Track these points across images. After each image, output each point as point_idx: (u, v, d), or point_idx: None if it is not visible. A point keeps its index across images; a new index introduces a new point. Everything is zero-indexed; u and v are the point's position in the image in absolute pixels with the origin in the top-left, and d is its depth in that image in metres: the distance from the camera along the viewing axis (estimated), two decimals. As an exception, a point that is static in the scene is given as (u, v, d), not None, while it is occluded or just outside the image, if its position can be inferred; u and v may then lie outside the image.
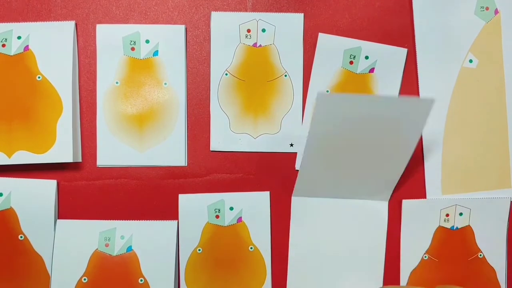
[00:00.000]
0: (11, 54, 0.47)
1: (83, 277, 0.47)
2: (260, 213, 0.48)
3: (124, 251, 0.47)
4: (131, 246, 0.47)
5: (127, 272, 0.47)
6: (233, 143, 0.48)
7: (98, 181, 0.48)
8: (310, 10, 0.49)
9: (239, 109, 0.49)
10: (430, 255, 0.49)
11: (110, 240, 0.47)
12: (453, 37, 0.49)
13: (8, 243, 0.47)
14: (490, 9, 0.49)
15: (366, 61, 0.49)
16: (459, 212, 0.49)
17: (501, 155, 0.49)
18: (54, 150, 0.47)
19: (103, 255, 0.47)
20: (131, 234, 0.47)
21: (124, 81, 0.48)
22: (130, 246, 0.47)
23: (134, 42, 0.48)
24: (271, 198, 0.49)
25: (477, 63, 0.49)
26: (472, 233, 0.49)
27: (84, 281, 0.47)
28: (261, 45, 0.49)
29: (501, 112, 0.49)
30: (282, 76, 0.49)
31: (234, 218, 0.48)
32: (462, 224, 0.49)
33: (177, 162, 0.48)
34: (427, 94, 0.49)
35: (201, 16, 0.48)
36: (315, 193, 0.48)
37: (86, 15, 0.48)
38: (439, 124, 0.49)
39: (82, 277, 0.47)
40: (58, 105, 0.47)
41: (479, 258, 0.49)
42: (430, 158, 0.49)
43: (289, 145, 0.49)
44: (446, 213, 0.49)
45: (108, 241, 0.47)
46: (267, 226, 0.49)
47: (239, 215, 0.48)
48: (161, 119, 0.48)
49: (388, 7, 0.49)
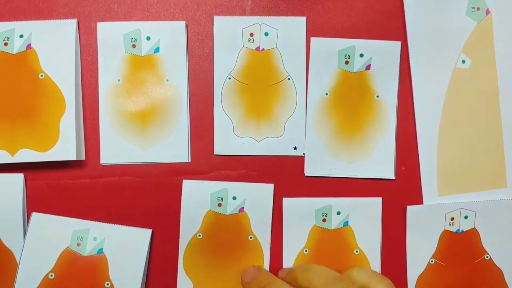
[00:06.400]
0: (14, 52, 0.47)
1: (50, 273, 0.47)
2: (263, 205, 0.49)
3: (94, 252, 0.47)
4: (102, 248, 0.47)
5: (95, 274, 0.47)
6: (237, 147, 0.49)
7: (102, 179, 0.48)
8: (309, 14, 0.49)
9: (243, 113, 0.49)
10: (437, 259, 0.49)
11: (82, 240, 0.47)
12: (445, 38, 0.49)
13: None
14: (481, 10, 0.49)
15: (361, 59, 0.49)
16: (464, 215, 0.49)
17: (496, 154, 0.49)
18: (57, 148, 0.47)
19: (73, 253, 0.47)
20: (103, 237, 0.47)
21: (126, 78, 0.48)
22: (101, 248, 0.47)
23: (135, 39, 0.48)
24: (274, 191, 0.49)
25: (470, 63, 0.49)
26: (477, 236, 0.49)
27: (50, 277, 0.47)
28: (264, 48, 0.49)
29: (495, 112, 0.49)
30: (285, 80, 0.49)
31: (236, 207, 0.49)
32: (467, 227, 0.49)
33: (181, 158, 0.48)
34: (420, 95, 0.49)
35: (202, 13, 0.49)
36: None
37: (88, 13, 0.48)
38: (434, 125, 0.49)
39: (49, 273, 0.47)
40: (61, 103, 0.47)
41: (485, 260, 0.49)
42: (425, 159, 0.49)
43: (293, 148, 0.49)
44: (451, 217, 0.49)
45: (80, 240, 0.47)
46: (269, 217, 0.49)
47: (241, 205, 0.49)
48: (164, 115, 0.48)
49: (388, 10, 0.49)
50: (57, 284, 0.47)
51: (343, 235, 0.49)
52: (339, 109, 0.49)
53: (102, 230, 0.48)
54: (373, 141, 0.49)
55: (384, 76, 0.49)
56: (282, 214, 0.49)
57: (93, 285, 0.47)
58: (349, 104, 0.49)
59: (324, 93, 0.49)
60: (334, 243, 0.49)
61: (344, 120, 0.49)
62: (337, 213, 0.49)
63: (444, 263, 0.49)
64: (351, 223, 0.49)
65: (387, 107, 0.49)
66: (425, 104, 0.49)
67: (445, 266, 0.49)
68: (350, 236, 0.49)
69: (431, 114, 0.49)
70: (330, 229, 0.49)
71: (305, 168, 0.49)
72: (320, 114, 0.49)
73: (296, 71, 0.49)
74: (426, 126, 0.49)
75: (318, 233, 0.49)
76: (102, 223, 0.48)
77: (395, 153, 0.49)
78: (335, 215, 0.49)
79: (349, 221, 0.49)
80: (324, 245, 0.49)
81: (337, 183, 0.49)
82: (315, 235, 0.49)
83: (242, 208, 0.49)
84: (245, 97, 0.49)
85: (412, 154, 0.49)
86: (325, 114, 0.49)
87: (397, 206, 0.49)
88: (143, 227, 0.48)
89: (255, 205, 0.49)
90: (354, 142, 0.49)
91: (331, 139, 0.49)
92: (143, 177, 0.48)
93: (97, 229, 0.47)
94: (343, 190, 0.49)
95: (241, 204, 0.49)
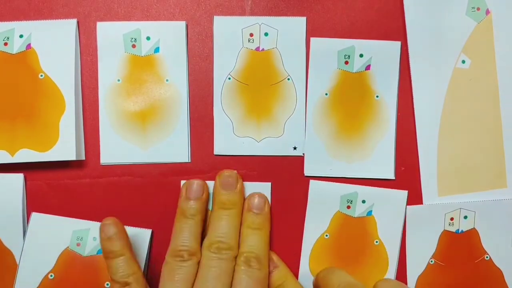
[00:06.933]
0: (13, 52, 0.47)
1: (50, 273, 0.47)
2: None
3: (94, 252, 0.47)
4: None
5: (95, 274, 0.47)
6: (237, 147, 0.49)
7: (102, 179, 0.48)
8: (309, 14, 0.49)
9: (243, 113, 0.49)
10: (436, 259, 0.49)
11: (82, 240, 0.47)
12: (445, 38, 0.49)
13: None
14: (481, 10, 0.49)
15: (361, 59, 0.49)
16: (464, 215, 0.49)
17: (496, 154, 0.49)
18: (57, 148, 0.47)
19: (73, 254, 0.47)
20: None
21: (125, 78, 0.48)
22: (100, 249, 0.47)
23: (134, 39, 0.48)
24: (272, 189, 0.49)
25: (470, 63, 0.49)
26: (477, 236, 0.49)
27: (50, 277, 0.47)
28: (263, 49, 0.49)
29: (495, 112, 0.49)
30: (285, 80, 0.49)
31: None
32: (467, 227, 0.49)
33: (181, 158, 0.48)
34: (420, 95, 0.49)
35: (202, 12, 0.49)
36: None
37: (88, 13, 0.48)
38: (434, 125, 0.49)
39: (49, 273, 0.47)
40: (61, 103, 0.47)
41: (485, 260, 0.49)
42: (425, 159, 0.49)
43: (293, 148, 0.49)
44: (451, 217, 0.49)
45: (80, 240, 0.47)
46: None
47: None
48: (163, 115, 0.48)
49: (387, 10, 0.49)
50: (57, 284, 0.47)
51: (365, 224, 0.49)
52: (339, 109, 0.49)
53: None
54: (373, 141, 0.49)
55: (384, 76, 0.49)
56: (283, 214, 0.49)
57: (93, 285, 0.47)
58: (349, 104, 0.49)
59: (324, 93, 0.49)
60: (355, 230, 0.49)
61: (344, 120, 0.49)
62: (362, 202, 0.49)
63: (443, 264, 0.49)
64: (375, 213, 0.49)
65: (387, 107, 0.49)
66: (425, 104, 0.49)
67: (445, 266, 0.49)
68: (372, 226, 0.49)
69: (431, 114, 0.49)
70: (353, 216, 0.49)
71: (305, 168, 0.49)
72: (320, 114, 0.49)
73: (296, 71, 0.49)
74: (426, 126, 0.49)
75: (341, 219, 0.49)
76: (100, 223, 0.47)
77: (395, 153, 0.49)
78: (360, 203, 0.49)
79: (372, 210, 0.49)
80: (345, 231, 0.49)
81: (336, 182, 0.49)
82: (337, 221, 0.49)
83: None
84: (245, 97, 0.49)
85: (412, 154, 0.49)
86: (325, 114, 0.49)
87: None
88: (143, 227, 0.48)
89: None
90: (354, 142, 0.49)
91: (331, 139, 0.49)
92: (143, 177, 0.48)
93: (97, 229, 0.47)
94: (343, 190, 0.49)
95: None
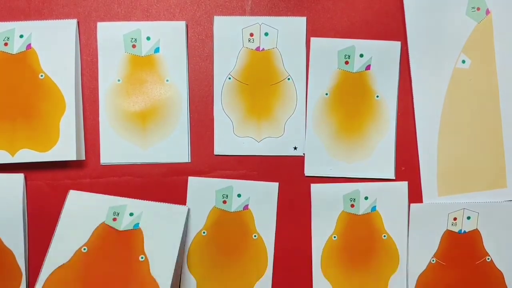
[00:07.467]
0: (14, 52, 0.47)
1: (83, 247, 0.47)
2: (267, 203, 0.49)
3: (130, 227, 0.48)
4: (138, 223, 0.47)
5: (130, 248, 0.47)
6: (237, 147, 0.49)
7: (102, 179, 0.48)
8: (309, 14, 0.49)
9: (243, 113, 0.49)
10: (438, 258, 0.49)
11: (118, 215, 0.48)
12: (445, 38, 0.49)
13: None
14: (481, 10, 0.49)
15: (361, 59, 0.49)
16: (467, 216, 0.49)
17: (496, 154, 0.49)
18: (57, 148, 0.47)
19: (109, 228, 0.47)
20: (140, 212, 0.48)
21: (126, 78, 0.48)
22: (137, 223, 0.47)
23: (135, 40, 0.48)
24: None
25: (470, 63, 0.49)
26: (479, 237, 0.49)
27: (83, 251, 0.47)
28: (264, 48, 0.49)
29: (495, 112, 0.49)
30: (285, 80, 0.49)
31: (241, 205, 0.49)
32: (469, 228, 0.49)
33: (180, 158, 0.48)
34: (420, 95, 0.49)
35: (202, 13, 0.49)
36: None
37: (88, 13, 0.48)
38: (434, 125, 0.49)
39: (82, 246, 0.47)
40: (61, 103, 0.47)
41: (486, 261, 0.49)
42: (425, 159, 0.49)
43: (293, 148, 0.49)
44: (454, 217, 0.49)
45: (116, 215, 0.48)
46: (273, 216, 0.49)
47: (246, 202, 0.49)
48: (164, 115, 0.48)
49: (387, 10, 0.49)
50: (90, 256, 0.47)
51: (371, 220, 0.49)
52: (339, 109, 0.49)
53: (138, 206, 0.48)
54: (373, 141, 0.49)
55: (384, 76, 0.49)
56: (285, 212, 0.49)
57: (127, 258, 0.47)
58: (349, 104, 0.49)
59: (324, 93, 0.49)
60: (363, 228, 0.49)
61: (344, 120, 0.49)
62: (365, 198, 0.49)
63: (445, 263, 0.49)
64: (379, 208, 0.49)
65: (387, 107, 0.49)
66: (425, 104, 0.49)
67: (446, 266, 0.49)
68: (378, 221, 0.49)
69: (431, 114, 0.49)
70: (358, 214, 0.49)
71: (305, 168, 0.49)
72: (320, 114, 0.49)
73: (296, 71, 0.49)
74: (426, 126, 0.49)
75: (347, 218, 0.49)
76: (139, 200, 0.48)
77: (395, 153, 0.49)
78: (363, 200, 0.49)
79: (376, 206, 0.49)
80: (353, 230, 0.49)
81: (336, 182, 0.49)
82: (343, 221, 0.49)
83: (247, 206, 0.49)
84: (245, 97, 0.49)
85: (412, 154, 0.49)
86: (325, 114, 0.49)
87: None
88: (143, 227, 0.49)
89: (259, 203, 0.49)
90: (354, 142, 0.49)
91: (331, 139, 0.49)
92: (143, 177, 0.48)
93: (133, 205, 0.48)
94: (343, 190, 0.49)
95: (246, 201, 0.49)
